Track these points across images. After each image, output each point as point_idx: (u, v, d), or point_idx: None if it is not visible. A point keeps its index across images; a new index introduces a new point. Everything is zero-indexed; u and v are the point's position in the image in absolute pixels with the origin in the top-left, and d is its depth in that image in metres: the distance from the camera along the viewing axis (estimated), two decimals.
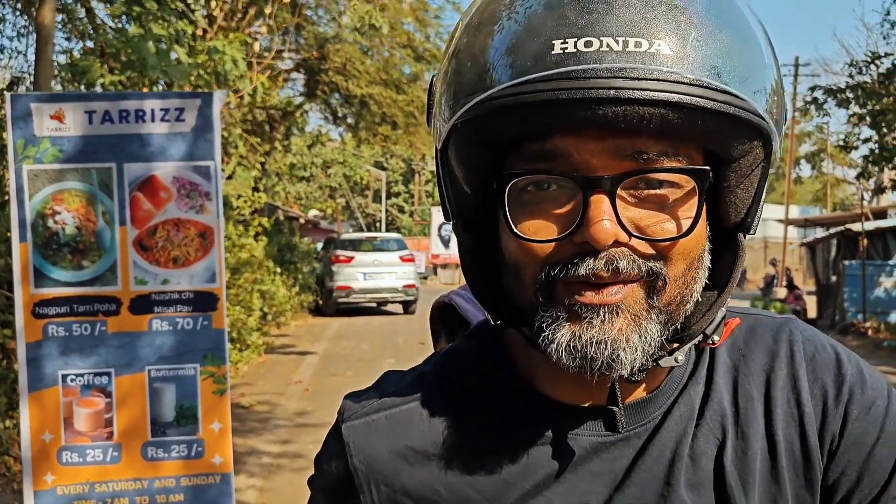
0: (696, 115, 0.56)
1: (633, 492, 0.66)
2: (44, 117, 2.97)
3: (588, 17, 0.56)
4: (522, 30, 0.58)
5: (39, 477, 2.99)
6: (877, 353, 12.18)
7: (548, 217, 0.60)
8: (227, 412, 3.09)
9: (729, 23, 0.59)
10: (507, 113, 0.58)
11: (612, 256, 0.58)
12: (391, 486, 0.69)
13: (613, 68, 0.55)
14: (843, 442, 0.68)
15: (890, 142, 12.24)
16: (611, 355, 0.59)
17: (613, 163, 0.58)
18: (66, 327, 3.00)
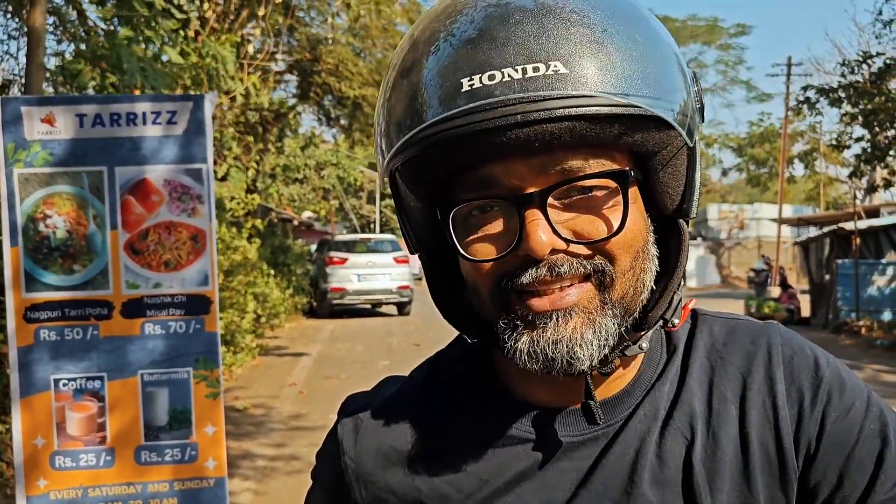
0: (598, 122, 0.61)
1: (596, 488, 0.69)
2: (34, 121, 2.96)
3: (488, 52, 0.61)
4: (435, 73, 0.63)
5: (32, 482, 2.98)
6: (870, 352, 12.21)
7: (492, 236, 0.65)
8: (220, 416, 3.08)
9: (613, 25, 0.63)
10: (434, 150, 0.63)
11: (553, 263, 0.63)
12: (376, 484, 0.75)
13: (516, 96, 0.59)
14: (823, 444, 0.70)
15: (882, 141, 12.29)
16: (568, 353, 0.63)
17: (540, 179, 0.63)
18: (57, 332, 2.99)
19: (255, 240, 10.61)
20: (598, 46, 0.61)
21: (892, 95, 11.77)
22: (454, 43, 0.63)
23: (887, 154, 12.34)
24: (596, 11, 0.63)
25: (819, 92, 12.84)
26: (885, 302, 14.81)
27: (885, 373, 10.07)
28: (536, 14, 0.62)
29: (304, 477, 5.19)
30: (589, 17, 0.63)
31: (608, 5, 0.65)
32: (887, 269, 15.00)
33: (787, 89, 25.28)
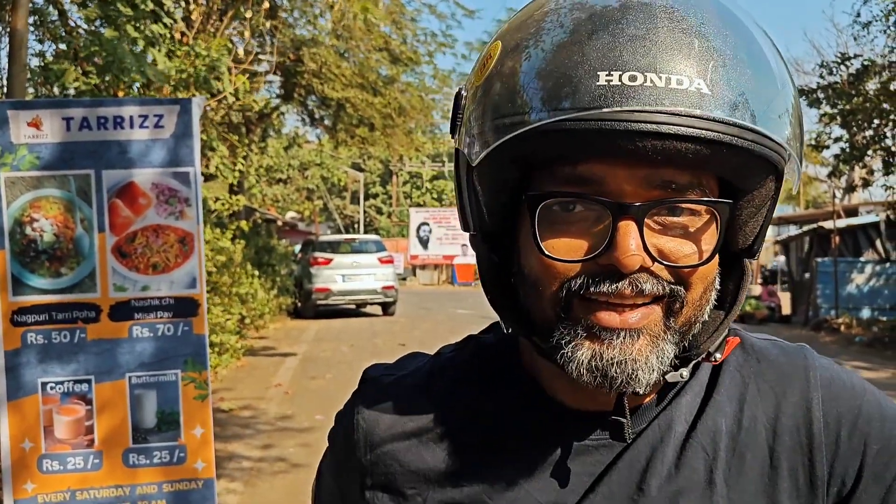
0: (724, 150, 0.59)
1: (603, 492, 0.69)
2: (21, 124, 2.96)
3: (632, 49, 0.59)
4: (566, 53, 0.60)
5: (19, 485, 2.98)
6: (849, 349, 12.38)
7: (573, 237, 0.63)
8: (208, 417, 3.10)
9: (754, 58, 0.62)
10: (551, 137, 0.60)
11: (636, 279, 0.61)
12: (382, 448, 0.75)
13: (656, 106, 0.58)
14: (864, 476, 0.69)
15: (860, 141, 12.46)
16: (630, 375, 0.62)
17: (642, 191, 0.61)
18: (45, 335, 2.99)
19: (239, 241, 10.58)
20: (739, 73, 0.60)
21: (869, 96, 11.93)
22: (592, 27, 0.60)
23: (865, 154, 12.51)
24: (730, 28, 0.62)
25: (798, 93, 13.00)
26: (864, 299, 15.02)
27: (864, 369, 10.21)
28: (681, 22, 0.60)
29: (291, 478, 5.21)
30: (725, 35, 0.61)
31: (738, 24, 0.63)
32: (866, 267, 15.21)
33: None
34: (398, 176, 41.47)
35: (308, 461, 5.41)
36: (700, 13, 0.61)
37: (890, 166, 12.36)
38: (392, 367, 0.82)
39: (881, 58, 12.17)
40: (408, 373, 0.79)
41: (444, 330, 12.36)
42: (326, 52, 11.79)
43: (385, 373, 0.80)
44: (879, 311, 14.70)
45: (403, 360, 0.83)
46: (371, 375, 0.81)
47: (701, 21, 0.61)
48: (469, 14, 14.37)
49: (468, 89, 0.68)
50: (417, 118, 14.27)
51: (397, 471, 0.74)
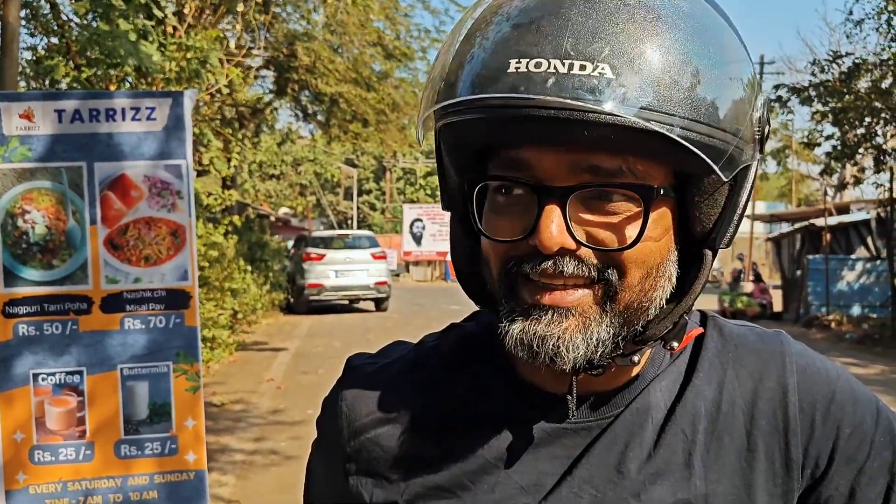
0: (644, 136, 0.59)
1: (582, 475, 0.70)
2: (13, 116, 2.96)
3: (540, 38, 0.60)
4: (490, 45, 0.62)
5: (11, 476, 2.98)
6: (839, 346, 12.46)
7: (511, 218, 0.65)
8: (200, 409, 3.11)
9: (674, 30, 0.61)
10: (476, 123, 0.63)
11: (558, 261, 0.63)
12: (365, 434, 0.77)
13: (560, 89, 0.58)
14: (836, 460, 0.71)
15: (851, 139, 12.53)
16: (553, 351, 0.64)
17: (570, 175, 0.62)
18: (36, 326, 2.99)
19: (231, 236, 10.57)
20: (651, 52, 0.60)
21: (861, 94, 11.99)
22: (512, 18, 0.63)
23: (856, 152, 12.58)
24: (663, 6, 0.62)
25: (790, 90, 13.06)
26: (855, 296, 15.11)
27: (854, 366, 10.28)
28: (596, 5, 0.61)
29: (283, 470, 5.22)
30: (651, 12, 0.61)
31: (677, 4, 0.63)
32: (856, 264, 15.31)
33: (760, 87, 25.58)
34: (392, 172, 41.45)
35: (300, 454, 5.43)
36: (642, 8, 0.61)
37: (881, 164, 12.43)
38: (375, 356, 0.83)
39: (873, 56, 12.24)
40: (391, 361, 0.81)
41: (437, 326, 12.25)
42: (320, 47, 11.78)
43: (368, 361, 0.82)
44: (870, 308, 14.79)
45: (387, 348, 0.84)
46: (355, 364, 0.82)
47: (623, 4, 0.61)
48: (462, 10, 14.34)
49: None
50: (411, 114, 14.27)
51: (381, 457, 0.75)
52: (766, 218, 25.82)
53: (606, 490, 0.70)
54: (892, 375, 9.65)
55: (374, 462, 0.76)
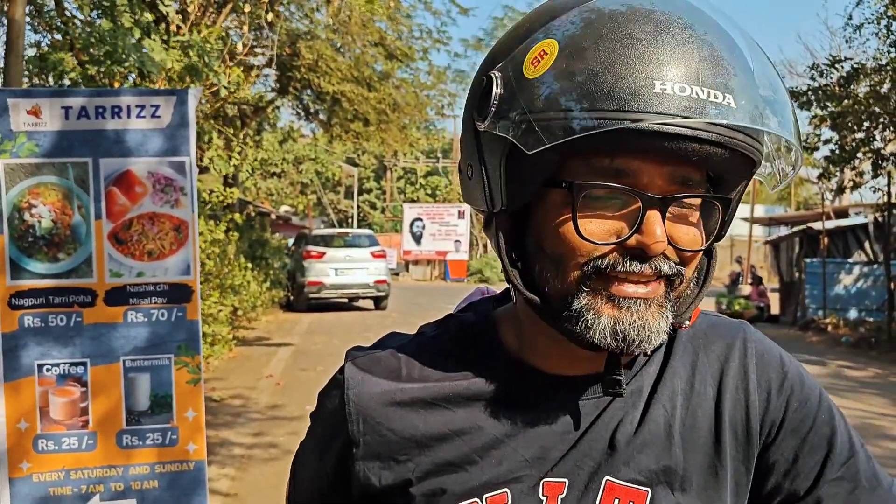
0: (728, 155, 0.70)
1: (583, 449, 0.79)
2: (20, 112, 3.03)
3: (679, 61, 0.67)
4: (624, 61, 0.67)
5: (15, 465, 3.05)
6: (835, 349, 12.51)
7: (605, 221, 0.71)
8: (200, 401, 3.18)
9: (762, 61, 0.73)
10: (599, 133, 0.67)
11: (657, 261, 0.72)
12: (375, 419, 0.82)
13: (701, 114, 0.66)
14: (784, 429, 0.82)
15: (850, 143, 12.58)
16: (646, 336, 0.72)
17: (666, 185, 0.71)
18: (41, 318, 3.06)
19: (233, 233, 10.64)
20: (756, 91, 0.70)
21: (859, 99, 12.05)
22: (646, 40, 0.68)
23: (854, 156, 12.63)
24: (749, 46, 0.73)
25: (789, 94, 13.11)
26: (851, 300, 15.17)
27: (849, 369, 10.34)
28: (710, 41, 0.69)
29: (282, 465, 5.29)
30: (755, 65, 0.72)
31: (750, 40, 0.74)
32: (854, 268, 15.37)
33: None
34: (392, 171, 41.50)
35: None
36: (722, 37, 0.71)
37: (878, 168, 12.49)
38: (374, 346, 0.88)
39: (873, 60, 12.30)
40: (393, 349, 0.86)
41: None
42: (323, 46, 11.84)
43: (369, 351, 0.87)
44: (866, 311, 14.85)
45: (384, 339, 0.89)
46: (356, 355, 0.87)
47: (724, 44, 0.70)
48: (464, 12, 14.42)
49: (511, 78, 0.72)
50: (412, 114, 14.33)
51: (390, 439, 0.81)
52: (765, 221, 25.88)
53: (601, 461, 0.79)
54: (888, 378, 9.71)
55: (384, 445, 0.81)
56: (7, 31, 5.99)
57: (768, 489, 0.83)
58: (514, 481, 0.79)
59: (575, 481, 0.79)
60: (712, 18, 0.73)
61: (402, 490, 0.81)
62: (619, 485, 0.78)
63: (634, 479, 0.79)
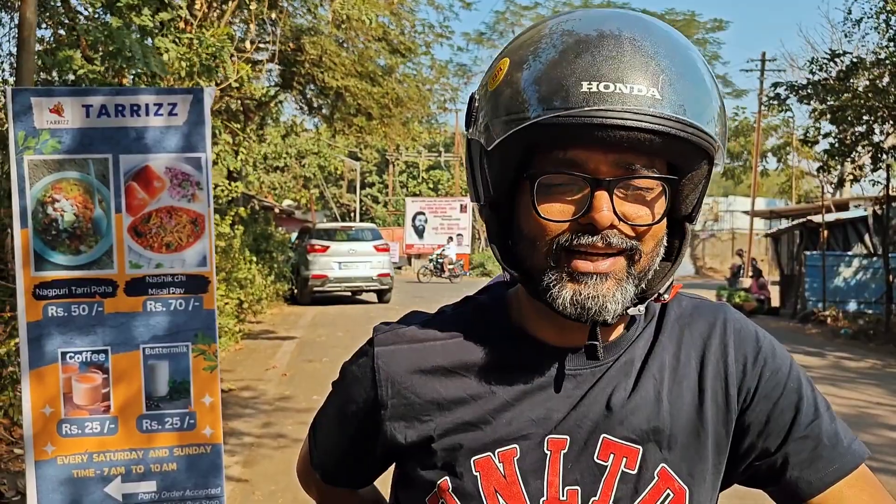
0: (671, 140, 0.80)
1: (583, 411, 0.91)
2: (43, 110, 3.15)
3: (606, 65, 0.80)
4: (558, 68, 0.81)
5: (40, 448, 3.18)
6: (834, 341, 12.61)
7: (562, 204, 0.83)
8: (216, 387, 3.31)
9: (690, 71, 0.84)
10: (547, 129, 0.81)
11: (607, 234, 0.82)
12: (402, 384, 0.94)
13: (623, 106, 0.78)
14: (757, 395, 0.94)
15: (849, 137, 12.67)
16: (601, 306, 0.83)
17: (612, 170, 0.82)
18: (65, 308, 3.19)
19: (238, 227, 10.77)
20: (680, 83, 0.81)
21: (859, 93, 12.14)
22: (578, 49, 0.81)
23: (853, 150, 12.72)
24: (676, 53, 0.83)
25: (788, 88, 13.21)
26: (851, 292, 15.27)
27: (847, 360, 10.46)
28: (641, 48, 0.81)
29: (291, 452, 5.43)
30: (672, 58, 0.82)
31: (683, 50, 0.85)
32: (853, 260, 15.46)
33: (762, 85, 25.72)
34: (394, 165, 41.56)
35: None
36: (655, 42, 0.82)
37: (878, 162, 12.58)
38: (400, 322, 1.00)
39: (872, 54, 12.38)
40: (417, 324, 0.98)
41: None
42: (327, 41, 11.94)
43: (395, 326, 0.99)
44: (865, 304, 14.96)
45: (407, 317, 1.01)
46: (383, 329, 0.99)
47: (655, 48, 0.82)
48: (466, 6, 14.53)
49: (481, 93, 0.89)
50: (414, 108, 14.44)
51: (415, 402, 0.93)
52: (766, 214, 25.96)
53: (599, 421, 0.91)
54: (885, 369, 9.83)
55: (410, 407, 0.93)
56: (18, 29, 6.10)
57: (745, 448, 0.95)
58: (522, 438, 0.90)
59: (576, 438, 0.90)
60: (649, 23, 0.86)
61: (425, 446, 0.93)
62: (614, 441, 0.90)
63: (628, 437, 0.90)
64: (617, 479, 0.90)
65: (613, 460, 0.90)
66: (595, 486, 0.90)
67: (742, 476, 0.97)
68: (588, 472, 0.90)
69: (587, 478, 0.90)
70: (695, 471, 0.92)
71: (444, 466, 0.92)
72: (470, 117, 0.90)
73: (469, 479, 0.91)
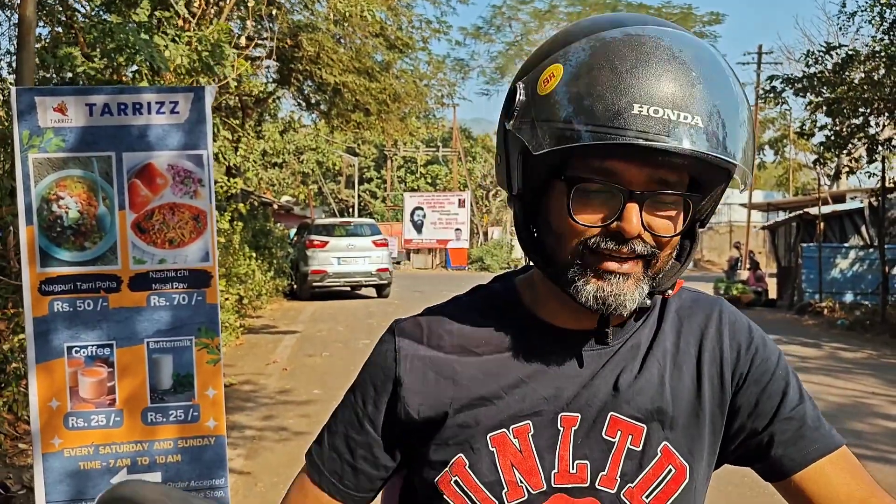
0: (702, 164, 0.87)
1: (592, 391, 0.98)
2: (47, 109, 3.20)
3: (656, 88, 0.85)
4: (611, 86, 0.85)
5: (47, 441, 3.25)
6: (830, 332, 12.69)
7: (594, 210, 0.90)
8: (220, 380, 3.37)
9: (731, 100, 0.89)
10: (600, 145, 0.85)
11: (633, 243, 0.89)
12: (420, 359, 1.01)
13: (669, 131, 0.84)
14: (749, 380, 1.01)
15: (845, 129, 12.72)
16: (620, 303, 0.91)
17: (645, 184, 0.89)
18: (70, 303, 3.25)
19: (237, 223, 10.81)
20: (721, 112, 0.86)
21: (854, 85, 12.19)
22: (632, 70, 0.85)
23: (849, 142, 12.77)
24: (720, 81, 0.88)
25: (784, 81, 13.26)
26: (847, 284, 15.34)
27: (844, 351, 10.54)
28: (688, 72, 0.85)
29: (293, 445, 5.50)
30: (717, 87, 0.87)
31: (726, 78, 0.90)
32: (849, 252, 15.53)
33: (758, 78, 25.74)
34: (392, 160, 41.58)
35: (308, 430, 5.70)
36: (702, 67, 0.87)
37: (873, 154, 12.64)
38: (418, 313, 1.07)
39: (867, 47, 12.42)
40: (433, 311, 1.06)
41: None
42: (324, 38, 11.97)
43: (412, 316, 1.06)
44: (862, 295, 15.03)
45: (425, 309, 1.08)
46: (402, 318, 1.06)
47: (702, 74, 0.87)
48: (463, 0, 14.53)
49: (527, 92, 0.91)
50: (412, 104, 14.47)
51: (431, 378, 0.99)
52: (763, 206, 26.02)
53: (607, 400, 0.97)
54: (881, 360, 9.91)
55: (425, 382, 0.99)
56: (18, 27, 6.14)
57: (735, 428, 1.03)
58: (534, 415, 0.97)
59: (586, 416, 0.97)
60: (701, 48, 0.91)
61: (440, 422, 0.98)
62: (621, 419, 0.97)
63: (633, 416, 0.97)
64: (623, 455, 0.97)
65: (620, 437, 0.97)
66: (604, 461, 0.96)
67: (732, 455, 1.05)
68: (597, 448, 0.97)
69: (596, 453, 0.97)
70: (694, 449, 0.99)
71: (460, 443, 0.97)
72: (510, 109, 0.93)
73: (486, 455, 0.96)
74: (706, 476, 1.02)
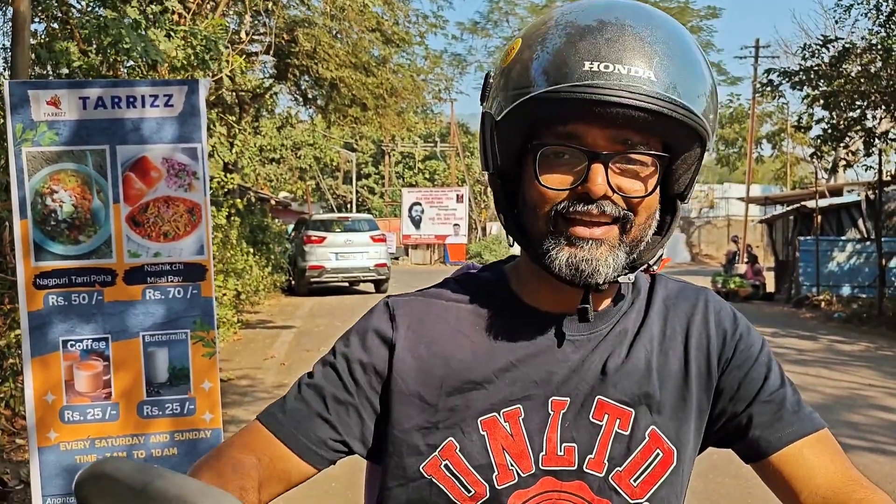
0: (664, 119, 0.87)
1: (581, 375, 0.98)
2: (41, 103, 3.20)
3: (606, 48, 0.87)
4: (563, 49, 0.88)
5: (43, 434, 3.25)
6: (828, 325, 12.71)
7: (562, 174, 0.90)
8: (216, 373, 3.38)
9: (684, 56, 0.90)
10: (549, 104, 0.88)
11: (601, 204, 0.89)
12: (415, 332, 1.01)
13: (620, 84, 0.85)
14: (732, 365, 1.03)
15: (842, 122, 12.73)
16: (594, 269, 0.90)
17: (609, 145, 0.89)
18: (65, 297, 3.25)
19: (234, 219, 10.81)
20: (674, 66, 0.88)
21: (851, 78, 12.19)
22: (581, 33, 0.88)
23: (846, 135, 12.78)
24: (672, 39, 0.90)
25: (781, 75, 13.26)
26: (844, 277, 15.37)
27: (841, 343, 10.56)
28: (639, 33, 0.88)
29: None
30: (668, 43, 0.89)
31: (679, 37, 0.92)
32: (847, 245, 15.56)
33: (755, 71, 25.74)
34: (390, 156, 41.54)
35: None
36: (653, 29, 0.89)
37: (870, 147, 12.64)
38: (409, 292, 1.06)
39: (863, 40, 12.42)
40: (426, 289, 1.06)
41: None
42: (320, 33, 11.96)
43: (405, 293, 1.05)
44: (859, 288, 15.06)
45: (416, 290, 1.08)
46: (394, 294, 1.06)
47: (653, 34, 0.89)
48: None
49: (495, 71, 0.96)
50: (409, 98, 14.47)
51: (423, 352, 0.99)
52: (761, 200, 26.04)
53: (595, 383, 0.98)
54: (877, 352, 9.93)
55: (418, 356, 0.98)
56: (12, 22, 6.13)
57: (717, 412, 1.04)
58: (525, 399, 0.97)
59: (574, 399, 0.97)
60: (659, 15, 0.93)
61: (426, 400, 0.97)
62: (608, 402, 0.98)
63: (621, 400, 0.97)
64: (612, 438, 0.97)
65: (608, 421, 0.97)
66: (591, 444, 0.97)
67: (714, 437, 1.05)
68: (584, 431, 0.97)
69: (584, 436, 0.97)
70: (681, 433, 1.00)
71: (450, 427, 0.97)
72: (485, 92, 0.97)
73: (477, 438, 0.97)
74: (692, 459, 1.03)
